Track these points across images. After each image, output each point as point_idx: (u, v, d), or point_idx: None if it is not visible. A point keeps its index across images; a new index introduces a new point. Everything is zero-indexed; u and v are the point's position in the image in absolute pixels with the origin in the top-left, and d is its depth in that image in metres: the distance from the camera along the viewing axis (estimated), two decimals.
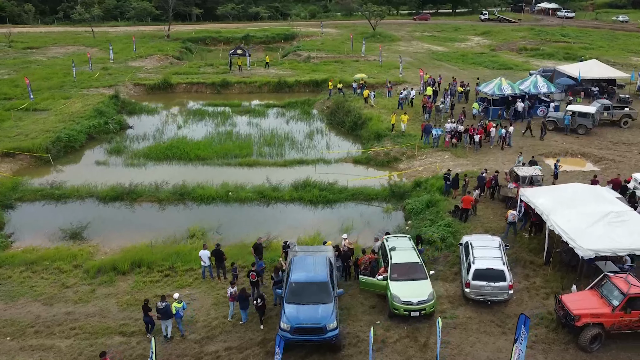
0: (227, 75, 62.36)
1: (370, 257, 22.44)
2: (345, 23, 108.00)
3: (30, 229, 28.67)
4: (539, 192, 25.44)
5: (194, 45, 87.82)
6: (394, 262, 21.18)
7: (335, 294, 19.17)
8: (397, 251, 21.74)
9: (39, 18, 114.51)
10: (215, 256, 22.81)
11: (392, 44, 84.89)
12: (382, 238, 23.65)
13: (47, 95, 52.19)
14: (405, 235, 23.37)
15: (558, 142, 39.16)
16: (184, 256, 24.84)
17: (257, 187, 33.33)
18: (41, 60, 71.10)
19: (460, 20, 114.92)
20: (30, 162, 37.73)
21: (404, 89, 49.92)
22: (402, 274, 20.77)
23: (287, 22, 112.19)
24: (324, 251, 22.14)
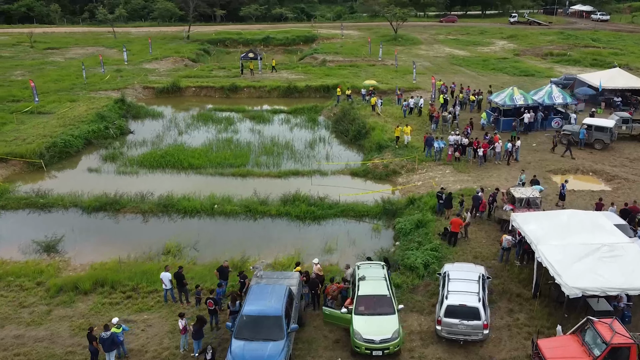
0: (237, 79, 61.38)
1: (339, 286, 20.92)
2: (369, 25, 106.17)
3: (6, 241, 28.01)
4: (530, 217, 23.50)
5: (212, 47, 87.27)
6: (360, 293, 19.61)
7: (288, 329, 17.72)
8: (366, 281, 20.15)
9: (66, 18, 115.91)
10: (177, 279, 21.61)
11: (412, 48, 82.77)
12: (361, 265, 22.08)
13: (54, 98, 52.10)
14: (379, 263, 21.72)
15: (569, 157, 36.80)
16: (150, 275, 23.72)
17: (244, 200, 32.09)
18: (58, 62, 71.48)
19: (488, 23, 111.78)
20: (23, 168, 37.32)
21: (412, 97, 48.10)
22: (368, 308, 19.18)
23: (309, 23, 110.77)
24: (288, 278, 20.72)
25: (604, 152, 37.61)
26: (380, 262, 21.73)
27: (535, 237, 21.83)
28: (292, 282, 20.39)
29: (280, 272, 21.61)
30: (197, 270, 24.54)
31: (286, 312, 18.12)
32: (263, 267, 22.54)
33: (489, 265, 24.19)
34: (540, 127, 42.28)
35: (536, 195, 26.70)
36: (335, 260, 26.08)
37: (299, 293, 20.32)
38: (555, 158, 36.64)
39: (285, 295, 18.69)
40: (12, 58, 74.88)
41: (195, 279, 23.34)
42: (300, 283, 20.92)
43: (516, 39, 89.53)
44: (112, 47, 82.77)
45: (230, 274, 23.02)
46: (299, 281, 20.72)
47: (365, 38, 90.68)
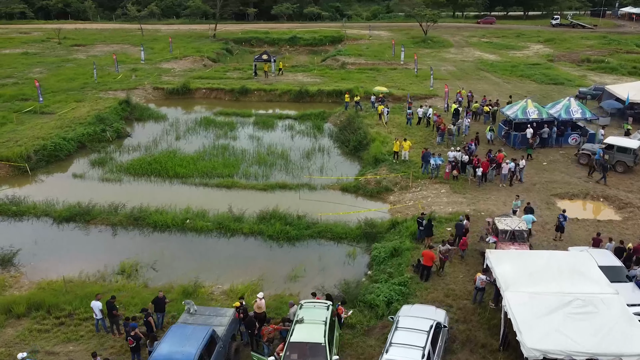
0: (249, 81, 59.79)
1: (276, 327, 18.88)
2: (401, 26, 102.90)
3: None
4: (505, 256, 20.86)
5: (236, 47, 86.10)
6: (292, 339, 17.52)
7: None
8: (303, 325, 18.04)
9: (100, 14, 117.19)
10: (108, 308, 20.02)
11: (441, 51, 79.45)
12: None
13: (61, 98, 51.77)
14: (324, 303, 19.52)
15: (581, 179, 33.62)
16: (92, 299, 22.17)
17: (219, 215, 30.38)
18: (79, 59, 71.64)
19: (528, 25, 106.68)
20: (8, 172, 36.72)
21: (421, 106, 45.36)
22: (299, 356, 17.09)
23: (340, 23, 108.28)
24: (220, 316, 18.85)
25: (622, 176, 34.15)
26: (326, 302, 19.55)
27: (505, 281, 19.25)
28: (223, 320, 18.52)
29: (214, 309, 19.71)
30: (145, 295, 22.86)
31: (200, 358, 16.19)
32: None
33: (461, 306, 21.72)
34: (555, 144, 38.99)
35: (522, 227, 23.92)
36: (298, 290, 24.07)
37: (229, 334, 18.39)
38: (565, 180, 33.48)
39: (204, 339, 16.78)
40: (37, 54, 75.59)
41: (138, 306, 21.70)
42: (235, 322, 18.99)
43: (553, 43, 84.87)
44: (137, 45, 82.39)
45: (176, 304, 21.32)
46: (231, 320, 18.81)
47: (395, 39, 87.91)
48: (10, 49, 79.28)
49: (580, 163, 35.82)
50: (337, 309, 20.12)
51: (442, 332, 18.48)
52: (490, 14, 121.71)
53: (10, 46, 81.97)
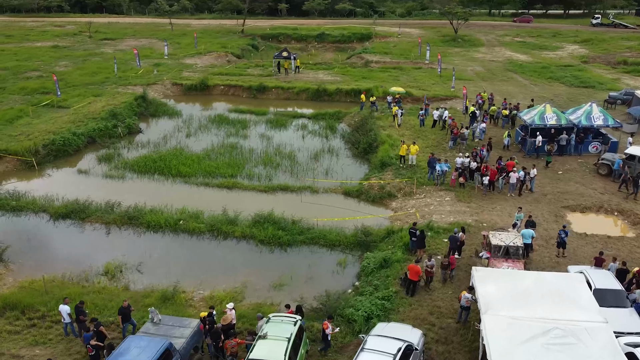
0: (267, 79, 59.24)
1: (240, 341, 18.11)
2: (433, 24, 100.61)
3: None
4: (491, 275, 19.60)
5: (262, 43, 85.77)
6: (251, 356, 16.73)
7: None
8: (265, 341, 17.23)
9: (134, 9, 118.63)
10: (76, 313, 19.63)
11: (470, 50, 77.24)
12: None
13: (80, 92, 52.17)
14: (292, 318, 18.65)
15: (597, 190, 31.77)
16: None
17: (214, 217, 29.82)
18: (105, 53, 72.34)
19: (567, 25, 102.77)
20: (15, 166, 37.01)
21: (437, 109, 43.86)
22: None
23: (372, 20, 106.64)
24: (183, 327, 18.23)
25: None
26: (294, 317, 18.66)
27: (485, 303, 18.02)
28: (185, 332, 17.89)
29: (178, 319, 19.07)
30: (122, 299, 22.35)
31: None
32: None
33: (444, 325, 20.54)
34: (574, 152, 37.06)
35: (518, 243, 22.51)
36: (280, 300, 23.25)
37: (189, 347, 17.72)
38: (579, 191, 31.68)
39: (157, 353, 16.16)
40: (66, 48, 76.78)
41: (114, 310, 21.25)
42: (198, 333, 18.33)
43: (590, 43, 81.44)
44: (164, 40, 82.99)
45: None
46: (194, 332, 18.14)
47: (424, 38, 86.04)
48: (42, 42, 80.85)
49: (600, 173, 33.89)
50: (323, 324, 19.20)
51: (414, 354, 17.38)
52: (528, 13, 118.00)
53: (43, 39, 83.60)
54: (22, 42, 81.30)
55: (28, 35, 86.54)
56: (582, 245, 26.15)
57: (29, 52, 72.71)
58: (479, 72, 63.15)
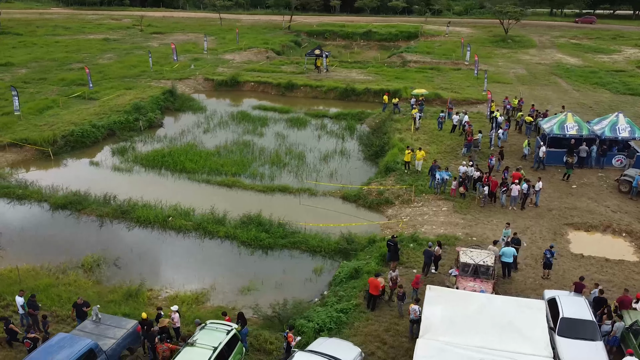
0: (298, 76, 58.95)
1: (172, 347, 17.89)
2: (486, 22, 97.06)
3: None
4: (443, 296, 18.44)
5: (306, 39, 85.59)
6: None
7: None
8: (192, 348, 16.92)
9: (190, 3, 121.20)
10: (28, 306, 20.02)
11: (519, 51, 74.00)
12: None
13: (113, 85, 53.69)
14: (229, 327, 18.20)
15: (609, 208, 29.55)
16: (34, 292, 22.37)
17: (203, 215, 29.85)
18: (151, 47, 74.13)
19: (634, 27, 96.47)
20: (33, 155, 38.41)
21: (457, 113, 42.18)
22: None
23: (424, 18, 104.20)
24: (120, 327, 18.21)
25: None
26: (229, 326, 18.24)
27: (425, 325, 17.03)
28: (118, 333, 17.85)
29: (117, 318, 19.03)
30: (89, 294, 22.69)
31: None
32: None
33: (396, 344, 19.58)
34: (595, 164, 34.68)
35: (488, 263, 21.14)
36: (243, 304, 22.91)
37: (120, 348, 17.63)
38: (589, 208, 29.56)
39: (78, 353, 16.17)
40: (115, 41, 79.44)
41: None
42: (133, 335, 18.25)
43: None
44: (212, 35, 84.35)
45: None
46: (128, 333, 18.06)
47: (473, 37, 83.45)
48: (95, 35, 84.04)
49: (621, 190, 31.49)
50: (287, 336, 18.69)
51: None
52: (593, 13, 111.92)
53: (97, 32, 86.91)
54: (77, 34, 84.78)
55: (84, 28, 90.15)
56: (574, 267, 24.33)
57: (79, 44, 75.71)
58: (520, 75, 60.39)
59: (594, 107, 47.17)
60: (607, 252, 25.66)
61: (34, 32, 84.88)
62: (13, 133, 40.05)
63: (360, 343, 19.60)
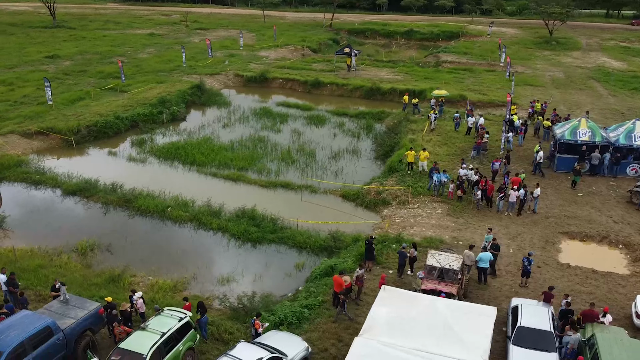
0: (325, 74, 59.29)
1: (127, 329, 18.64)
2: (532, 23, 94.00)
3: None
4: (395, 296, 18.46)
5: (345, 37, 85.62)
6: (121, 345, 17.21)
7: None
8: (142, 332, 17.59)
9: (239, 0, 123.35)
10: (8, 284, 21.33)
11: (560, 54, 71.56)
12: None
13: (146, 78, 55.61)
14: (183, 314, 18.80)
15: (612, 218, 28.51)
16: (23, 273, 23.76)
17: (200, 207, 30.73)
18: (192, 43, 76.17)
19: None
20: (57, 143, 40.42)
21: (472, 115, 41.42)
22: None
23: (481, 18, 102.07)
24: (83, 309, 19.08)
25: None
26: (183, 313, 18.86)
27: (368, 325, 17.15)
28: (79, 314, 18.77)
29: (83, 300, 19.90)
30: (76, 277, 23.90)
31: (20, 347, 16.60)
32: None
33: (351, 341, 19.53)
34: (608, 173, 33.43)
35: (454, 267, 20.91)
36: (220, 294, 23.52)
37: (79, 328, 18.46)
38: (590, 217, 28.62)
39: (34, 330, 17.11)
40: (160, 36, 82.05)
41: (77, 289, 22.57)
42: (94, 317, 19.13)
43: None
44: (253, 32, 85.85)
45: None
46: (89, 315, 18.95)
47: (517, 38, 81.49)
48: (142, 30, 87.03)
49: (633, 202, 30.20)
50: (254, 323, 19.31)
51: None
52: None
53: (144, 27, 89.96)
54: (126, 29, 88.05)
55: (133, 23, 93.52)
56: (557, 277, 23.68)
57: (125, 38, 78.68)
58: (557, 78, 58.53)
59: (626, 114, 45.20)
60: (596, 263, 24.83)
61: (86, 26, 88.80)
62: (42, 122, 42.25)
63: (316, 339, 19.92)
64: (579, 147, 33.42)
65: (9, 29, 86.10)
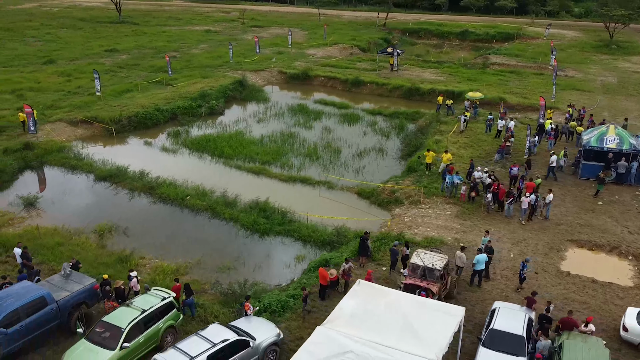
0: (367, 73, 59.53)
1: (115, 305, 19.97)
2: (595, 26, 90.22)
3: (8, 192, 33.13)
4: (367, 290, 18.81)
5: (397, 37, 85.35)
6: (104, 318, 18.58)
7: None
8: (125, 309, 18.94)
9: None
10: (22, 257, 23.20)
11: (620, 58, 68.53)
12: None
13: (193, 73, 57.83)
14: (167, 294, 19.92)
15: (628, 229, 27.62)
16: (41, 249, 25.66)
17: (217, 198, 31.99)
18: (244, 39, 78.19)
19: None
20: (100, 132, 42.90)
21: (502, 118, 40.72)
22: (100, 334, 18.11)
23: (543, 20, 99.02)
24: (79, 283, 20.54)
25: None
26: (167, 294, 19.99)
27: (334, 315, 17.66)
28: (74, 287, 20.27)
29: (81, 276, 21.27)
30: (89, 255, 25.58)
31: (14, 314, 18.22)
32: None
33: None
34: (635, 182, 32.18)
35: (437, 266, 21.00)
36: (218, 279, 24.52)
37: (72, 300, 19.90)
38: (604, 227, 27.77)
39: (29, 298, 18.72)
40: (215, 32, 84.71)
41: (86, 267, 24.27)
42: (88, 292, 20.55)
43: None
44: (306, 30, 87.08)
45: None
46: (83, 289, 20.38)
47: (576, 40, 78.77)
48: (200, 26, 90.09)
49: None
50: (244, 305, 20.41)
51: (248, 350, 17.79)
52: None
53: (203, 23, 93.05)
54: (185, 25, 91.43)
55: (193, 20, 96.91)
56: (554, 284, 23.25)
57: (182, 34, 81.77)
58: (608, 83, 56.27)
59: (611, 122, 43.06)
60: (599, 273, 24.16)
61: (148, 22, 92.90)
62: (89, 111, 44.94)
63: (295, 327, 20.63)
64: (605, 154, 32.33)
65: (78, 23, 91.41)
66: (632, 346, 19.39)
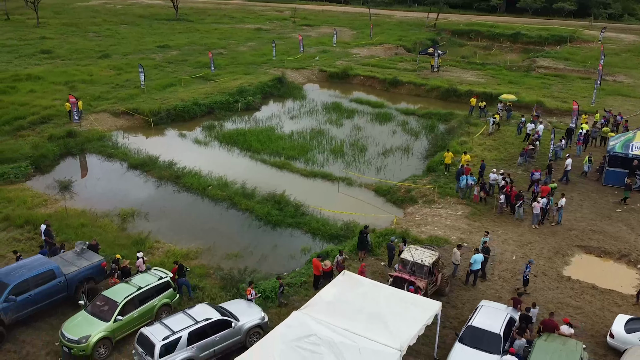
0: (408, 73, 59.58)
1: (116, 281, 21.41)
2: None
3: (48, 176, 35.57)
4: (351, 281, 19.43)
5: (446, 38, 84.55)
6: (104, 292, 20.04)
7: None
8: (123, 285, 20.37)
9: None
10: (45, 234, 25.11)
11: None
12: None
13: (235, 69, 59.68)
14: (164, 274, 21.21)
15: None
16: (65, 229, 27.60)
17: (237, 188, 33.24)
18: (291, 38, 79.64)
19: None
20: (139, 123, 45.14)
21: (532, 121, 40.14)
22: (98, 306, 19.61)
23: (602, 22, 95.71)
24: (87, 260, 22.12)
25: None
26: (164, 274, 21.27)
27: (313, 301, 18.43)
28: (83, 263, 21.86)
29: (93, 254, 22.68)
30: (108, 237, 27.33)
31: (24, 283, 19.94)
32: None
33: None
34: None
35: (426, 263, 21.33)
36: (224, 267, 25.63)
37: (80, 275, 21.42)
38: (617, 235, 27.21)
39: (40, 270, 20.39)
40: (265, 31, 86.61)
41: (104, 247, 25.97)
42: (95, 268, 22.07)
43: None
44: (356, 29, 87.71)
45: None
46: (91, 265, 21.91)
47: (635, 45, 75.85)
48: (252, 25, 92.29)
49: None
50: (246, 290, 21.58)
51: (230, 330, 18.83)
52: None
53: (254, 22, 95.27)
54: (238, 23, 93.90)
55: (246, 18, 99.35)
56: (551, 288, 23.10)
57: (232, 32, 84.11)
58: None
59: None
60: (601, 280, 23.79)
61: (203, 20, 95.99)
62: (132, 103, 47.34)
63: (284, 313, 21.19)
64: (630, 160, 31.48)
65: (137, 20, 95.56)
66: (617, 353, 19.11)
